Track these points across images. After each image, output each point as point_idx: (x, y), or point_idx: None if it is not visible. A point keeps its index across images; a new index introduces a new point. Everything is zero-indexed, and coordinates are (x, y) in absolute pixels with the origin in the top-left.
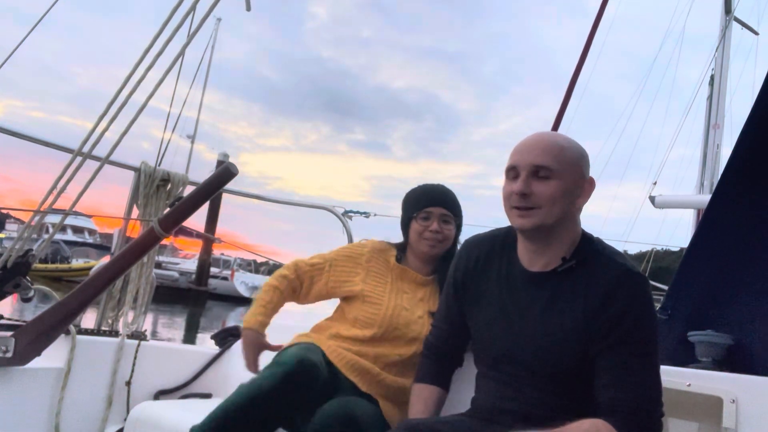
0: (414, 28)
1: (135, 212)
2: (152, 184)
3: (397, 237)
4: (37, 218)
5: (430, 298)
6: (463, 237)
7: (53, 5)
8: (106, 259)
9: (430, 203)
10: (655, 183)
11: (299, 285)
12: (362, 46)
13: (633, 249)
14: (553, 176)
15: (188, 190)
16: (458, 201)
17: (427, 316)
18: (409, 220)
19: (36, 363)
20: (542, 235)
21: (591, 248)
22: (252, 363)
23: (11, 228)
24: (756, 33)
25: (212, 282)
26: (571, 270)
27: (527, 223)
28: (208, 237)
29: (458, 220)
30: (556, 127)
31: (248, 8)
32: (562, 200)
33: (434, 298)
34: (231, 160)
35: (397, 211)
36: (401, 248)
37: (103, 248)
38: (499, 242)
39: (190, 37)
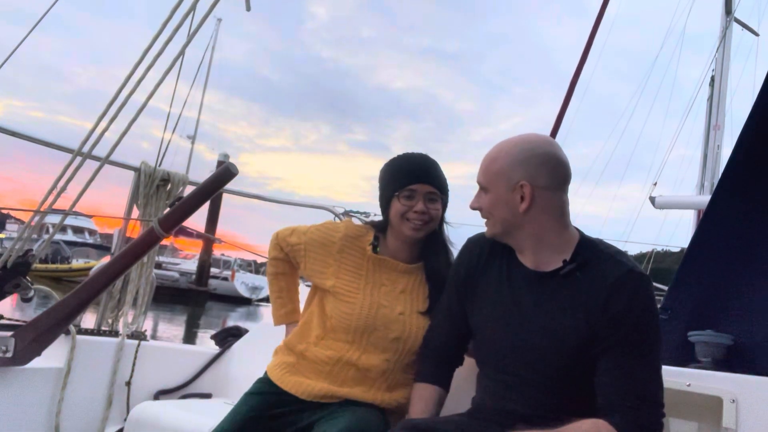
0: (414, 28)
1: (135, 212)
2: (152, 184)
3: None
4: (37, 218)
5: (414, 289)
6: (465, 237)
7: (53, 5)
8: (106, 260)
9: (414, 180)
10: (655, 184)
11: (291, 258)
12: (362, 46)
13: (633, 250)
14: (486, 190)
15: (188, 190)
16: (443, 174)
17: (410, 311)
18: (390, 198)
19: (36, 363)
20: (510, 240)
21: (592, 250)
22: None
23: (11, 228)
24: (756, 34)
25: (212, 282)
26: (573, 271)
27: (486, 233)
28: (209, 237)
29: (445, 198)
30: (556, 127)
31: (248, 8)
32: (499, 209)
33: (419, 289)
34: (231, 160)
35: None
36: (381, 228)
37: (103, 248)
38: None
39: (190, 36)
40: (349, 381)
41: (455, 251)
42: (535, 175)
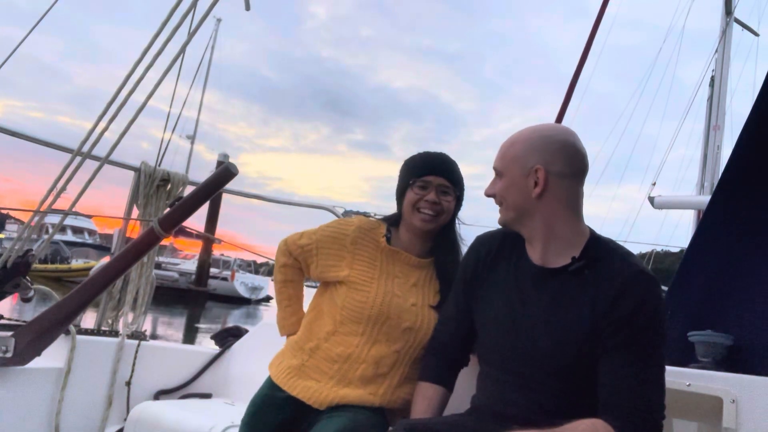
0: (414, 28)
1: (135, 212)
2: (152, 184)
3: None
4: (36, 218)
5: (425, 283)
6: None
7: (53, 5)
8: (106, 260)
9: (429, 171)
10: (654, 184)
11: (299, 264)
12: (362, 46)
13: (633, 250)
14: (502, 175)
15: (188, 190)
16: (459, 172)
17: (422, 303)
18: (405, 188)
19: (36, 363)
20: (522, 229)
21: (602, 248)
22: None
23: (11, 228)
24: (756, 34)
25: (212, 282)
26: (581, 269)
27: (499, 220)
28: (209, 237)
29: (459, 192)
30: None
31: (247, 7)
32: (512, 194)
33: (430, 284)
34: (230, 160)
35: None
36: (393, 222)
37: (103, 249)
38: (510, 239)
39: (190, 36)
40: (356, 380)
41: (465, 249)
42: (551, 161)
